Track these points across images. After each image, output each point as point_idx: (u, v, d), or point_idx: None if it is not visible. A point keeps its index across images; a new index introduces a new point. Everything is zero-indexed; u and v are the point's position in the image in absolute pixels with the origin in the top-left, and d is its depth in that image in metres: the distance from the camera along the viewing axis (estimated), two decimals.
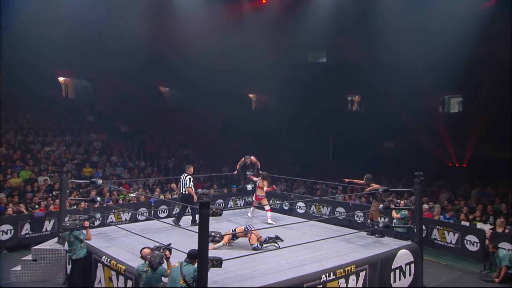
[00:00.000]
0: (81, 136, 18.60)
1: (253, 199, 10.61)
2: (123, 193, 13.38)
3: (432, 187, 15.40)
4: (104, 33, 19.37)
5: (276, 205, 13.94)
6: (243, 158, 11.49)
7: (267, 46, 21.23)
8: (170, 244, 6.45)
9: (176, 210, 12.68)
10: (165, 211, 12.74)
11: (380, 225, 8.43)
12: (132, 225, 10.34)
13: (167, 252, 6.22)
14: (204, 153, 20.17)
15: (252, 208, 10.80)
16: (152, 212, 12.44)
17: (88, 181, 9.55)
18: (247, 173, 11.40)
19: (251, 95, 30.37)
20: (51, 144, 17.22)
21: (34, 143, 16.74)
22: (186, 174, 10.05)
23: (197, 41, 20.54)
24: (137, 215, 12.17)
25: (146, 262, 6.05)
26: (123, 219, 11.99)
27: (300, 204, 13.88)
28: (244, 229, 7.72)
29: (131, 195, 13.04)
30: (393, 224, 8.88)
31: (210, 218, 5.94)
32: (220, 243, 7.60)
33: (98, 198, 9.11)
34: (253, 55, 21.68)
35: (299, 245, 7.90)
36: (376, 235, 8.90)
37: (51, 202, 12.16)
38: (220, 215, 6.20)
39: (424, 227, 11.41)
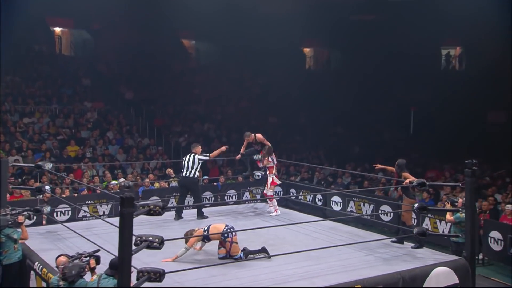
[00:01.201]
0: (72, 104, 19.42)
1: (268, 187, 10.76)
2: (89, 180, 13.85)
3: None
4: None
5: (301, 198, 13.80)
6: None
7: None
8: (98, 250, 6.54)
9: (172, 203, 12.96)
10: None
11: (414, 231, 8.05)
12: (109, 220, 10.80)
13: (92, 261, 6.31)
14: (230, 129, 20.30)
15: (270, 203, 10.84)
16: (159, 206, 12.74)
17: (33, 165, 9.90)
18: (254, 157, 11.35)
19: (306, 50, 30.03)
20: (32, 115, 18.13)
21: (10, 112, 17.70)
22: (193, 154, 10.25)
23: None
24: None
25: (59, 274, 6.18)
26: (101, 213, 12.41)
27: (336, 199, 13.64)
28: (223, 234, 7.68)
29: (113, 182, 13.45)
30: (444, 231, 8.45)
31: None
32: (183, 249, 7.63)
33: (47, 187, 9.45)
34: None
35: (294, 253, 7.78)
36: (413, 245, 8.55)
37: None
38: (160, 214, 6.16)
39: (500, 237, 10.82)
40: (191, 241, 7.64)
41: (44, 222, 10.90)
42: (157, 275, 6.03)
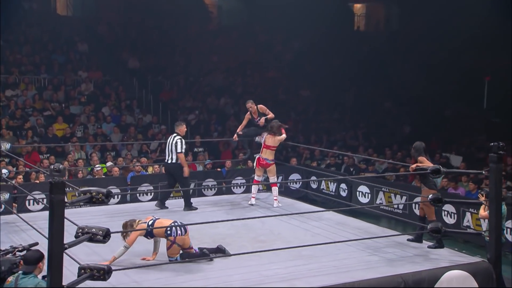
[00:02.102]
0: (63, 74, 20.12)
1: (255, 167, 11.32)
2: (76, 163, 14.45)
3: None
4: None
5: (323, 188, 14.08)
6: (247, 113, 11.83)
7: None
8: (36, 243, 6.94)
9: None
10: (150, 192, 13.55)
11: (429, 226, 8.23)
12: (85, 209, 11.47)
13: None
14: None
15: (254, 188, 11.39)
16: (128, 193, 13.29)
17: None
18: (256, 139, 11.72)
19: (356, 7, 29.90)
20: (15, 86, 18.91)
21: None
22: (175, 135, 10.77)
23: None
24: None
25: None
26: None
27: (363, 189, 13.84)
28: (166, 230, 7.94)
29: (96, 167, 13.99)
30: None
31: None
32: (122, 248, 7.81)
33: (5, 171, 9.97)
34: None
35: (283, 252, 8.09)
36: (430, 244, 8.75)
37: None
38: (104, 202, 6.54)
39: None
40: (132, 238, 7.85)
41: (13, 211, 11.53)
42: (101, 273, 6.44)
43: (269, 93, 21.78)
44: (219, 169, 14.89)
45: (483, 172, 8.16)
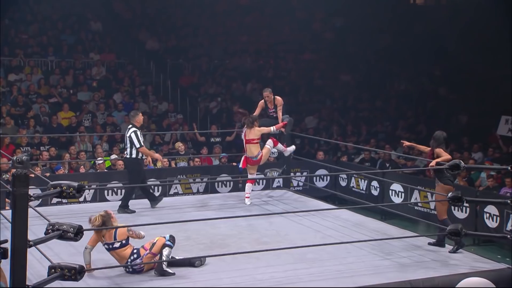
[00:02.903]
0: (73, 56, 20.74)
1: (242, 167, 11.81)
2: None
3: None
4: None
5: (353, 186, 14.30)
6: (261, 101, 12.14)
7: None
8: (6, 241, 7.36)
9: (176, 188, 13.89)
10: (157, 187, 13.99)
11: (448, 228, 8.39)
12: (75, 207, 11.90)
13: None
14: (282, 90, 20.78)
15: (247, 186, 11.76)
16: (102, 188, 13.76)
17: None
18: (272, 130, 12.02)
19: None
20: (19, 70, 19.56)
21: None
22: (130, 126, 11.07)
23: None
24: (106, 192, 13.59)
25: None
26: (81, 199, 13.49)
27: (396, 187, 13.98)
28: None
29: (98, 160, 14.48)
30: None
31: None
32: (88, 247, 8.02)
33: None
34: None
35: (284, 254, 8.43)
36: (452, 248, 8.90)
37: None
38: (75, 197, 6.92)
39: None
40: (93, 238, 8.06)
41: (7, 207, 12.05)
42: (72, 272, 6.84)
43: (303, 77, 22.01)
44: (234, 163, 15.20)
45: (509, 168, 8.26)
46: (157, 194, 13.74)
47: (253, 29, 24.25)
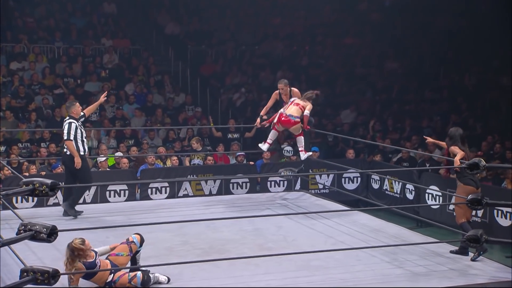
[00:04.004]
0: (82, 42, 21.35)
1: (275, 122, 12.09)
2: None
3: None
4: None
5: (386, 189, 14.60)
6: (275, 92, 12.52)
7: None
8: None
9: (186, 189, 14.44)
10: (165, 188, 14.54)
11: (467, 235, 8.69)
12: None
13: None
14: (316, 80, 21.15)
15: (272, 134, 12.25)
16: (138, 188, 14.33)
17: None
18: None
19: None
20: (23, 57, 20.20)
21: None
22: (67, 118, 11.40)
23: None
24: (108, 193, 14.21)
25: None
26: (81, 200, 14.08)
27: (433, 189, 14.23)
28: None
29: (100, 158, 15.04)
30: None
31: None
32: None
33: None
34: None
35: (285, 260, 8.81)
36: (474, 255, 9.16)
37: None
38: (48, 195, 7.43)
39: None
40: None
41: None
42: (45, 276, 7.38)
43: (343, 65, 22.27)
44: (251, 162, 15.63)
45: None
46: (163, 196, 14.36)
47: (288, 10, 24.50)
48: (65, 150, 11.37)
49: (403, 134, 18.76)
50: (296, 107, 11.88)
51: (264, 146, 12.34)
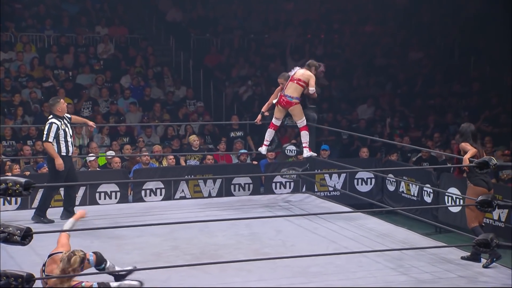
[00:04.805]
0: (75, 30, 21.59)
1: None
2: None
3: None
4: None
5: (403, 192, 14.80)
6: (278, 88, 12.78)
7: None
8: None
9: (183, 190, 14.78)
10: (160, 190, 14.82)
11: (477, 239, 8.91)
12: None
13: None
14: (332, 71, 21.25)
15: (268, 134, 12.78)
16: (131, 190, 14.61)
17: None
18: (286, 122, 12.69)
19: None
20: (10, 47, 20.42)
21: None
22: (50, 116, 11.62)
23: None
24: (98, 195, 14.51)
25: None
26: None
27: (452, 192, 14.40)
28: None
29: (90, 157, 15.34)
30: None
31: None
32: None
33: None
34: None
35: (281, 265, 9.09)
36: (485, 262, 9.41)
37: None
38: (22, 194, 7.72)
39: None
40: None
41: None
42: (19, 281, 7.69)
43: (361, 55, 22.47)
44: (255, 162, 15.89)
45: None
46: (159, 198, 14.66)
47: None
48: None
49: (426, 132, 18.90)
50: (296, 84, 12.15)
51: (262, 149, 12.75)
